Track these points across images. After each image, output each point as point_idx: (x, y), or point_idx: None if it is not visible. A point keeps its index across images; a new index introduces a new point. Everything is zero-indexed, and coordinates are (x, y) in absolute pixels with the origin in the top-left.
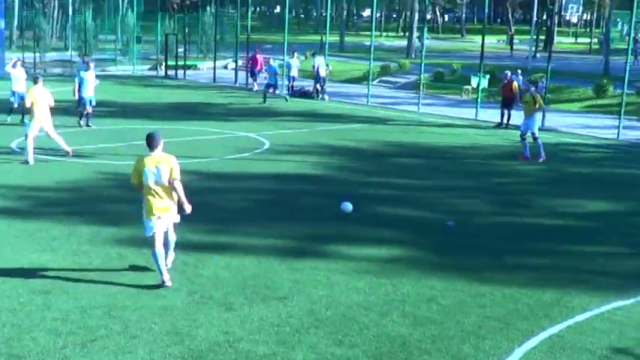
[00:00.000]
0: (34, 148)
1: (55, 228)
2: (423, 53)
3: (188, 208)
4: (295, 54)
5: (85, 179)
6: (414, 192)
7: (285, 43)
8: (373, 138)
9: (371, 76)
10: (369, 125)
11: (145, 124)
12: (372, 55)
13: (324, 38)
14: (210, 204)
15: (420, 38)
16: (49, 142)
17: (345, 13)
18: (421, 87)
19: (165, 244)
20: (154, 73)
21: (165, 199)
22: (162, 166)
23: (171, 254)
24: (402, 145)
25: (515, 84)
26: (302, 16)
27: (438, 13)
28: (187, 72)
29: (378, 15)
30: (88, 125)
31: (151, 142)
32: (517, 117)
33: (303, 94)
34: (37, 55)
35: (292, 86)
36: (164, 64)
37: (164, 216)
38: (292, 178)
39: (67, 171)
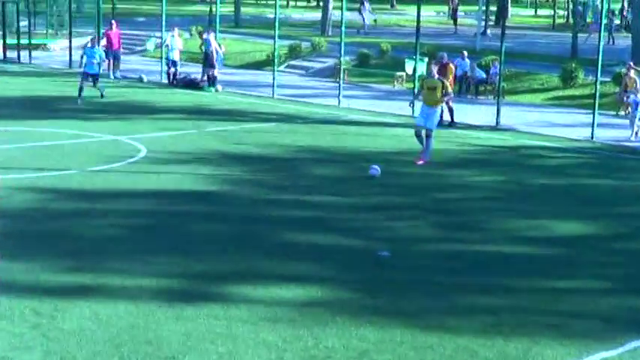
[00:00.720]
0: None
1: None
2: (343, 30)
3: None
4: (177, 30)
5: None
6: (336, 213)
7: (164, 16)
8: (281, 141)
9: (277, 60)
10: (275, 125)
11: None
12: (276, 32)
13: (213, 9)
14: (68, 232)
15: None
16: None
17: None
18: (341, 74)
19: None
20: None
21: None
22: None
23: None
24: (318, 151)
25: (450, 66)
26: None
27: None
28: (34, 53)
29: None
30: None
31: None
32: (463, 110)
33: (189, 84)
34: None
35: (174, 73)
36: (1, 42)
37: None
38: (177, 196)
39: None
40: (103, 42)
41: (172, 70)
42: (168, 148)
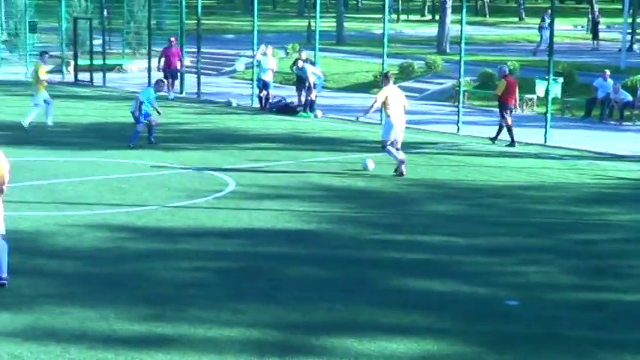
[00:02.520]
0: None
1: None
2: (462, 46)
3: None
4: (270, 48)
5: None
6: (455, 255)
7: (255, 33)
8: (390, 174)
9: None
10: (383, 155)
11: (44, 154)
12: (385, 50)
13: (312, 25)
14: (146, 275)
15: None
16: None
17: None
18: (461, 97)
19: None
20: (57, 77)
21: None
22: None
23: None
24: (434, 185)
25: (506, 81)
26: None
27: None
28: (108, 75)
29: None
30: None
31: None
32: (606, 138)
33: (283, 109)
34: None
35: (267, 96)
36: (73, 63)
37: None
38: (269, 235)
39: None
40: (162, 61)
41: (264, 93)
42: (260, 181)
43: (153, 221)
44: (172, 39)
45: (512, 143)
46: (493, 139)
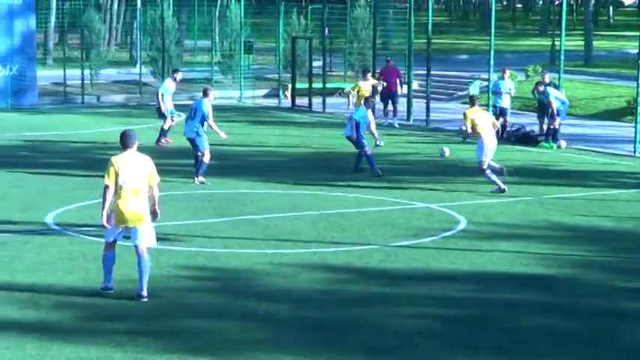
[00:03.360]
0: None
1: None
2: None
3: (157, 215)
4: (508, 72)
5: (160, 277)
6: None
7: (492, 53)
8: None
9: None
10: (638, 192)
11: (257, 186)
12: None
13: (557, 44)
14: (366, 322)
15: None
16: None
17: (592, 1)
18: None
19: (140, 269)
20: (273, 102)
21: (137, 204)
22: (140, 168)
23: (145, 281)
24: None
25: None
26: (519, 6)
27: None
28: (328, 100)
29: None
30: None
31: (126, 140)
32: None
33: (523, 139)
34: (87, 72)
35: (504, 124)
36: (290, 87)
37: (134, 228)
38: (504, 280)
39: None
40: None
41: (501, 120)
42: (495, 219)
43: (374, 262)
44: (389, 59)
45: None
46: None
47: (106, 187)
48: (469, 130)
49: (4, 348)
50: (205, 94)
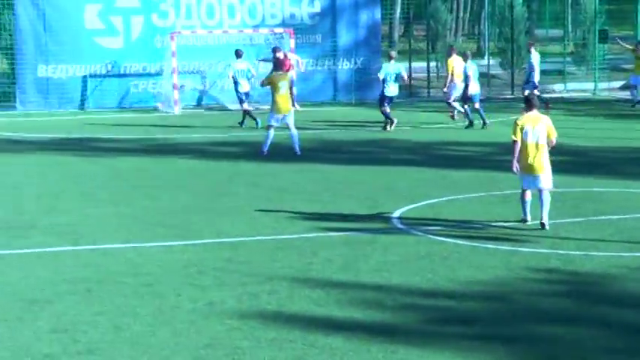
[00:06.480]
0: None
1: None
2: None
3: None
4: None
5: (510, 279)
6: None
7: None
8: None
9: None
10: None
11: (611, 184)
12: None
13: None
14: None
15: None
16: None
17: None
18: None
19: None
20: (627, 94)
21: (538, 158)
22: (540, 126)
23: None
24: None
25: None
26: None
27: None
28: None
29: None
30: None
31: (530, 103)
32: None
33: None
34: (433, 64)
35: None
36: None
37: (538, 175)
38: None
39: (476, 264)
40: None
41: None
42: None
43: None
44: None
45: None
46: None
47: (514, 142)
48: None
49: (349, 351)
50: None
